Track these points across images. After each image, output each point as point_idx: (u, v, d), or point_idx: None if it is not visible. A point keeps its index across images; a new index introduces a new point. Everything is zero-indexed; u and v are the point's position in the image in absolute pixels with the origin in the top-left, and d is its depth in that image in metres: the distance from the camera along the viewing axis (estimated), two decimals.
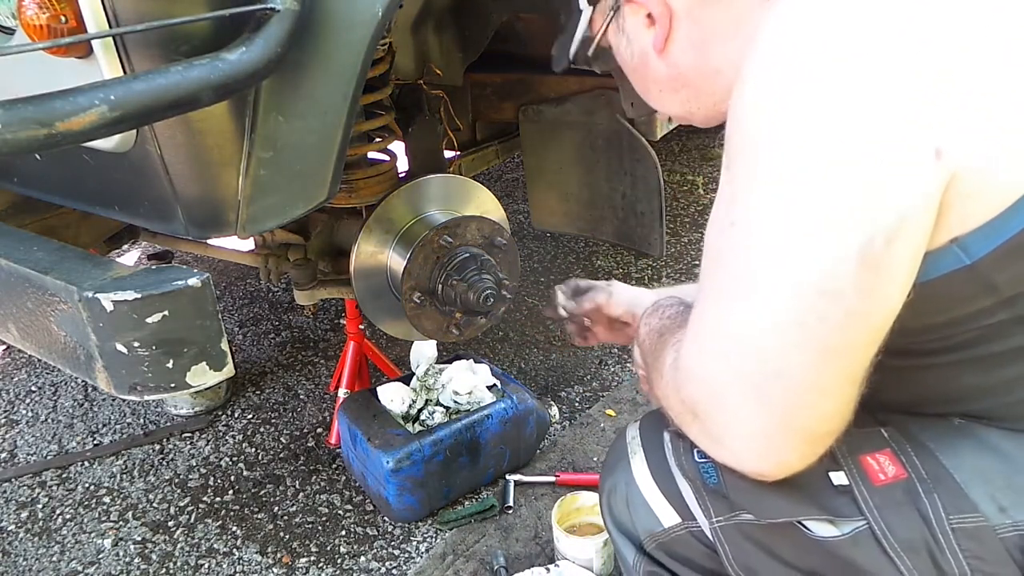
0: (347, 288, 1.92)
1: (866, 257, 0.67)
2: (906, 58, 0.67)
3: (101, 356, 1.01)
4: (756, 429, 0.74)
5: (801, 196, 0.68)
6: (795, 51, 0.70)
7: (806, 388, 0.71)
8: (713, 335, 0.75)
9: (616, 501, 1.03)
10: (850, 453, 0.84)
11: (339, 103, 1.20)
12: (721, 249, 0.76)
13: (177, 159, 1.17)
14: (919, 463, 0.82)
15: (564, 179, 2.36)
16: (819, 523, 0.83)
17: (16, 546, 1.87)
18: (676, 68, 0.92)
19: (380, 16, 1.16)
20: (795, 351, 0.70)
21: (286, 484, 2.02)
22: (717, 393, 0.75)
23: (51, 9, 1.05)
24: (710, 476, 0.90)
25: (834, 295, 0.68)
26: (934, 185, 0.67)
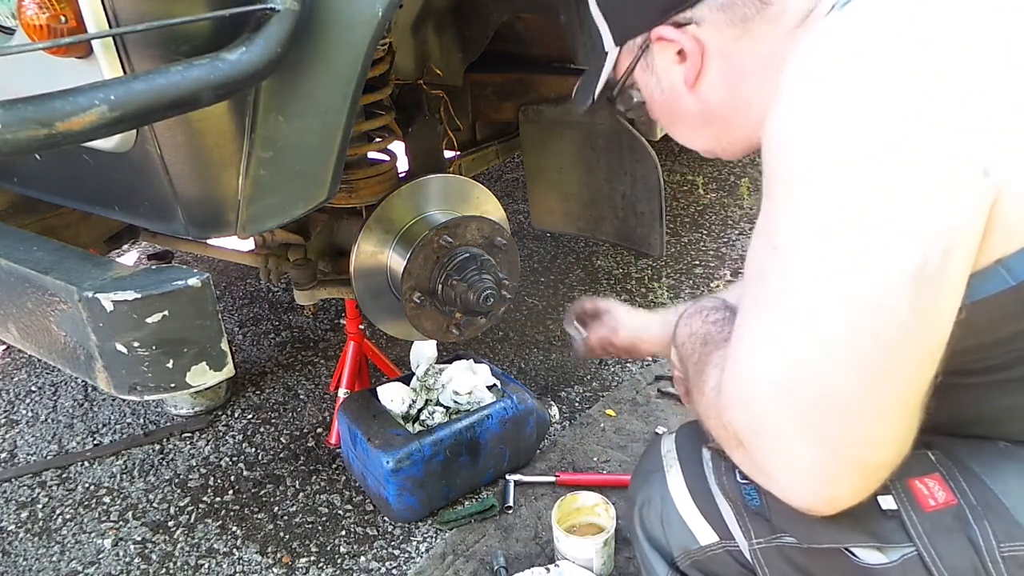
0: (347, 288, 1.92)
1: (920, 274, 0.65)
2: (955, 80, 0.67)
3: (101, 356, 1.01)
4: (807, 461, 0.70)
5: (851, 217, 0.67)
6: (836, 74, 0.70)
7: (859, 413, 0.68)
8: (758, 358, 0.72)
9: (649, 515, 1.01)
10: (898, 476, 0.80)
11: (339, 103, 1.20)
12: (765, 271, 0.73)
13: (177, 159, 1.17)
14: (968, 488, 0.80)
15: (564, 179, 2.36)
16: (866, 550, 0.81)
17: (16, 546, 1.87)
18: (706, 103, 0.93)
19: (380, 16, 1.16)
20: (847, 373, 0.67)
21: (286, 484, 2.02)
22: (764, 421, 0.72)
23: (51, 9, 1.05)
24: (752, 498, 0.88)
25: (887, 313, 0.66)
26: (983, 202, 0.67)
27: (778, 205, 0.72)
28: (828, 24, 0.77)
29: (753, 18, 0.86)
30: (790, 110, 0.72)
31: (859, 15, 0.74)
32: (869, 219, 0.66)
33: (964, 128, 0.66)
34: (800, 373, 0.68)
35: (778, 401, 0.70)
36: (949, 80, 0.67)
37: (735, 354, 0.76)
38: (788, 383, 0.69)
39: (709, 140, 0.99)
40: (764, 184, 0.75)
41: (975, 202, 0.66)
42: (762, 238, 0.74)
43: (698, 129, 0.98)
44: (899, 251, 0.65)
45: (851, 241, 0.66)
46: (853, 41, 0.71)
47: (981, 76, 0.68)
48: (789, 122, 0.72)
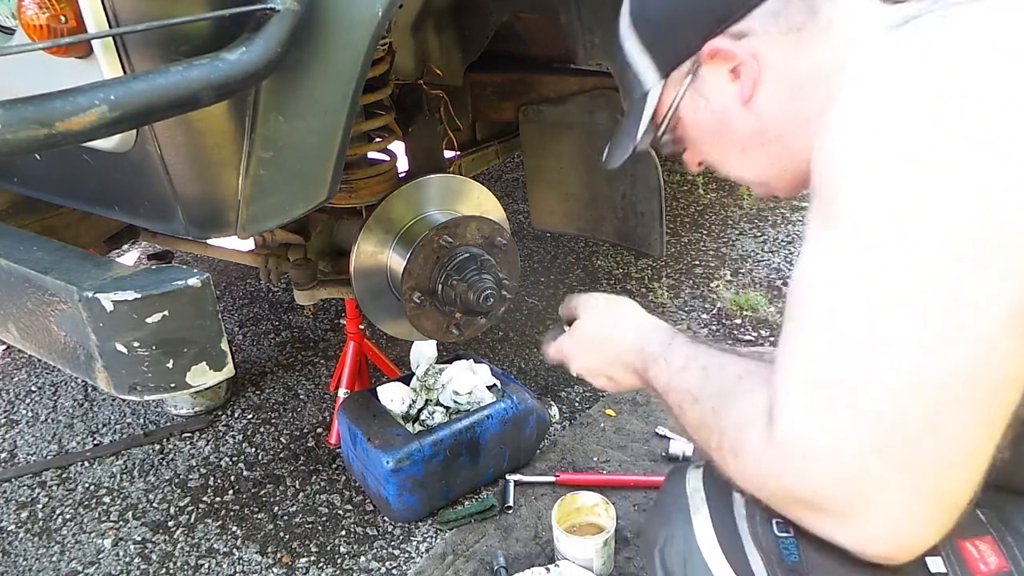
0: (347, 288, 1.92)
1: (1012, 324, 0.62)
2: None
3: (101, 356, 1.01)
4: (905, 512, 0.66)
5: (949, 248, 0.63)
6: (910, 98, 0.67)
7: (961, 462, 0.65)
8: (837, 404, 0.66)
9: (671, 555, 0.94)
10: (950, 538, 0.74)
11: (339, 103, 1.20)
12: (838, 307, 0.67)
13: (177, 159, 1.17)
14: (1020, 555, 0.76)
15: (564, 179, 2.36)
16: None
17: (16, 546, 1.87)
18: (763, 119, 0.89)
19: (380, 16, 1.16)
20: (950, 420, 0.64)
21: (286, 484, 2.02)
22: (848, 474, 0.66)
23: (51, 9, 1.05)
24: (790, 553, 0.81)
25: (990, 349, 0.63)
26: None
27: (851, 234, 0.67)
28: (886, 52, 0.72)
29: (805, 27, 0.83)
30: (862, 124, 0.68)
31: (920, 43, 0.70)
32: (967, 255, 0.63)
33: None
34: (892, 422, 0.64)
35: (869, 454, 0.65)
36: None
37: (804, 393, 0.68)
38: (880, 434, 0.64)
39: (764, 165, 0.92)
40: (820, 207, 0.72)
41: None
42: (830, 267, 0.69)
43: (752, 152, 0.92)
44: (994, 294, 0.62)
45: (953, 280, 0.63)
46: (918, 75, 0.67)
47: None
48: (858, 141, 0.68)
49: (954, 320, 0.63)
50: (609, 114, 2.17)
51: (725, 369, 0.83)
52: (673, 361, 0.91)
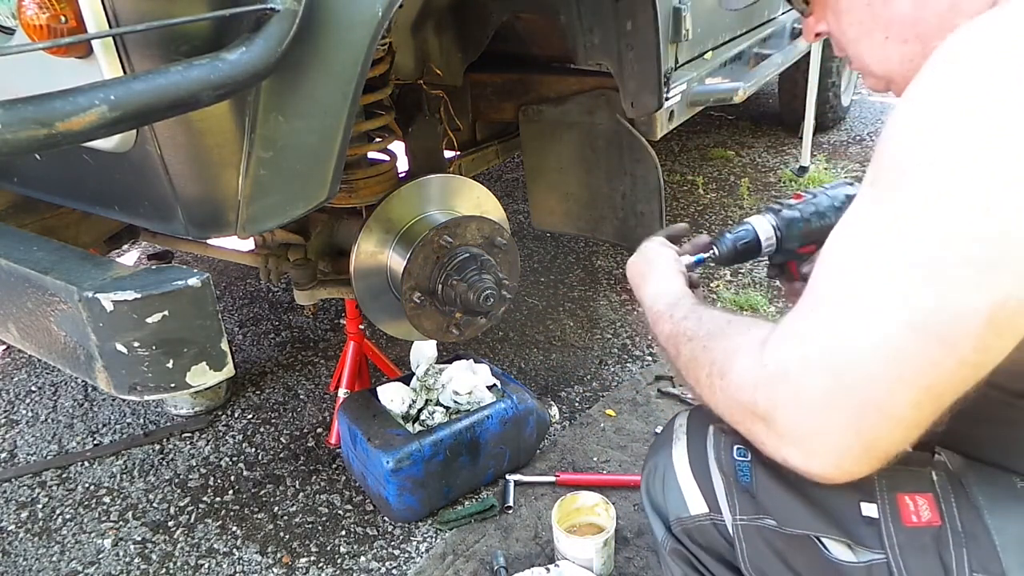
0: (347, 288, 1.92)
1: (995, 316, 0.65)
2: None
3: (101, 356, 1.01)
4: (838, 444, 0.73)
5: (949, 241, 0.66)
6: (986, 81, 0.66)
7: (901, 423, 0.71)
8: (821, 348, 0.72)
9: (654, 481, 1.05)
10: (890, 489, 0.83)
11: (339, 103, 1.20)
12: (847, 260, 0.73)
13: (177, 159, 1.17)
14: (959, 515, 0.81)
15: (564, 179, 2.36)
16: (837, 544, 0.84)
17: (16, 546, 1.87)
18: (922, 10, 0.82)
19: (380, 16, 1.16)
20: (903, 388, 0.69)
21: (286, 484, 2.02)
22: (811, 405, 0.73)
23: (51, 9, 1.05)
24: (744, 475, 0.92)
25: (952, 345, 0.66)
26: None
27: (887, 203, 0.70)
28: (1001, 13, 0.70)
29: None
30: (925, 101, 0.68)
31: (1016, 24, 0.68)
32: (970, 255, 0.65)
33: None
34: (860, 376, 0.70)
35: (833, 392, 0.71)
36: None
37: (798, 335, 0.74)
38: (847, 382, 0.70)
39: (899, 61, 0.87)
40: (872, 169, 0.73)
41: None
42: (859, 229, 0.73)
43: (894, 44, 0.86)
44: (986, 294, 0.65)
45: (937, 269, 0.66)
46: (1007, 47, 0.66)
47: None
48: (920, 115, 0.69)
49: (932, 316, 0.66)
50: (609, 114, 2.17)
51: (717, 318, 0.91)
52: (676, 313, 0.98)
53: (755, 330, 0.81)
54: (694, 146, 4.47)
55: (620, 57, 1.95)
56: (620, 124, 2.16)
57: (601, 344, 2.58)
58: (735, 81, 2.52)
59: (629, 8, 1.87)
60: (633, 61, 1.94)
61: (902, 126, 0.70)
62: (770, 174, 4.02)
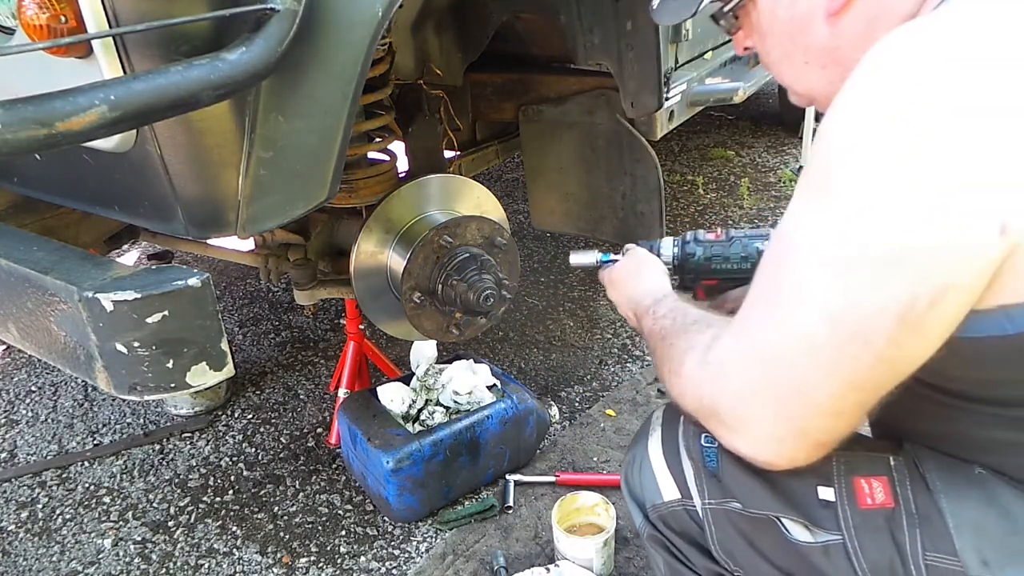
0: (347, 288, 1.92)
1: (906, 315, 0.68)
2: (999, 128, 0.65)
3: (101, 356, 1.01)
4: (774, 432, 0.78)
5: (864, 241, 0.69)
6: (903, 89, 0.68)
7: (826, 411, 0.75)
8: (754, 342, 0.77)
9: (632, 470, 1.10)
10: (847, 473, 0.87)
11: (339, 103, 1.20)
12: (780, 264, 0.77)
13: (177, 159, 1.17)
14: (912, 498, 0.84)
15: (564, 179, 2.36)
16: (796, 525, 0.88)
17: (16, 546, 1.87)
18: (838, 39, 0.86)
19: (380, 16, 1.16)
20: (823, 378, 0.73)
21: (286, 484, 2.02)
22: (745, 394, 0.78)
23: (51, 9, 1.05)
24: (711, 460, 0.96)
25: (867, 341, 0.70)
26: (993, 258, 0.67)
27: (810, 200, 0.74)
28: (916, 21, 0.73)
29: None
30: (854, 103, 0.71)
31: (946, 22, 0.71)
32: (879, 253, 0.68)
33: (995, 181, 0.65)
34: (784, 366, 0.74)
35: (761, 382, 0.76)
36: (997, 135, 0.65)
37: (736, 333, 0.80)
38: (773, 370, 0.75)
39: (819, 83, 0.91)
40: (806, 168, 0.76)
41: (982, 265, 0.67)
42: (789, 224, 0.77)
43: (814, 68, 0.90)
44: (893, 290, 0.68)
45: (856, 268, 0.70)
46: (940, 53, 0.68)
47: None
48: (848, 117, 0.71)
49: (846, 313, 0.70)
50: (609, 114, 2.17)
51: (688, 316, 0.95)
52: (657, 312, 1.03)
53: (711, 330, 0.87)
54: (694, 146, 4.47)
55: (620, 57, 1.95)
56: (620, 124, 2.16)
57: (601, 344, 2.58)
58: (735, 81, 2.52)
59: (629, 8, 1.87)
60: (633, 61, 1.94)
61: (828, 134, 0.73)
62: (770, 174, 4.02)
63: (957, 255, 0.67)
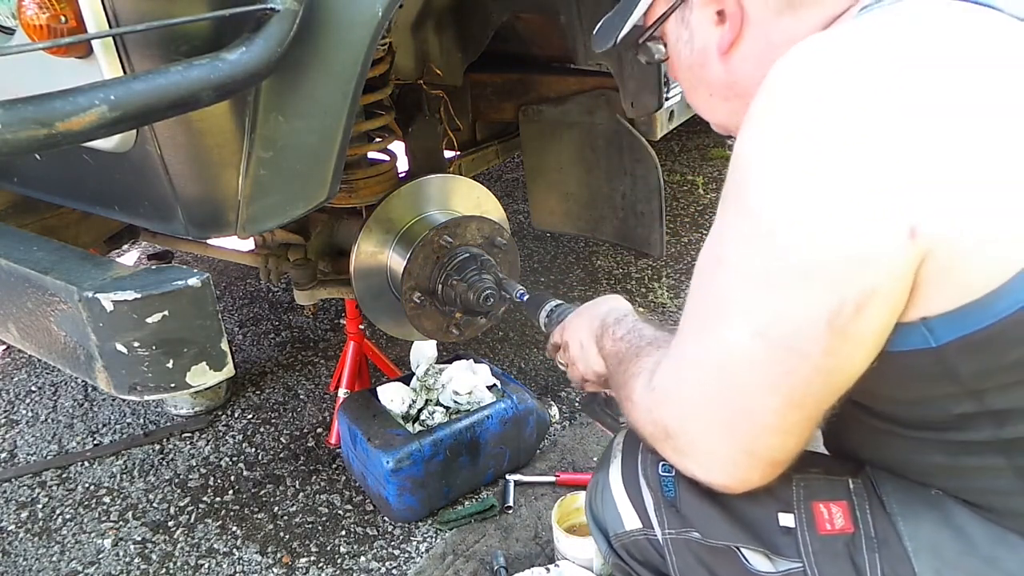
0: (347, 288, 1.92)
1: (834, 323, 0.69)
2: (899, 131, 0.66)
3: (101, 356, 1.01)
4: (723, 454, 0.78)
5: (781, 254, 0.70)
6: (799, 105, 0.70)
7: (771, 429, 0.75)
8: (692, 364, 0.78)
9: (595, 498, 1.09)
10: (806, 498, 0.87)
11: (339, 103, 1.20)
12: (707, 283, 0.78)
13: (177, 159, 1.17)
14: (872, 522, 0.84)
15: (564, 179, 2.36)
16: (756, 555, 0.88)
17: (16, 546, 1.87)
18: (733, 75, 0.89)
19: (380, 16, 1.16)
20: (763, 395, 0.73)
21: (286, 484, 2.02)
22: (690, 417, 0.79)
23: (51, 9, 1.05)
24: (669, 490, 0.95)
25: (802, 353, 0.71)
26: (906, 262, 0.67)
27: (730, 219, 0.75)
28: (828, 32, 0.75)
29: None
30: (757, 123, 0.72)
31: (853, 32, 0.73)
32: (797, 264, 0.69)
33: (900, 184, 0.65)
34: (725, 386, 0.75)
35: (704, 403, 0.77)
36: (901, 141, 0.66)
37: (674, 354, 0.81)
38: (714, 391, 0.76)
39: (726, 115, 0.95)
40: (725, 187, 0.76)
41: (896, 262, 0.67)
42: (714, 243, 0.77)
43: (718, 101, 0.94)
44: (817, 299, 0.69)
45: (778, 281, 0.70)
46: (831, 64, 0.70)
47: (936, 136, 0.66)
48: (753, 137, 0.72)
49: (776, 327, 0.71)
50: (609, 114, 2.17)
51: (643, 338, 0.96)
52: (617, 331, 1.03)
53: (659, 352, 0.87)
54: (694, 146, 4.47)
55: (620, 57, 1.95)
56: (620, 124, 2.16)
57: None
58: None
59: None
60: (633, 61, 1.94)
61: (738, 155, 0.74)
62: None
63: (873, 260, 0.67)
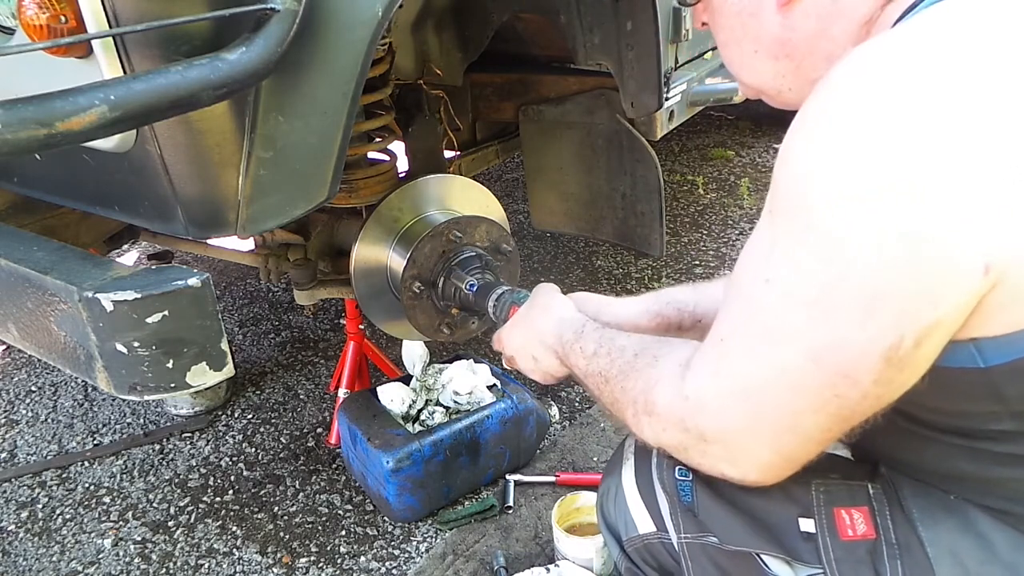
0: (347, 288, 1.91)
1: (891, 355, 0.67)
2: (978, 158, 0.62)
3: (101, 356, 1.01)
4: (765, 460, 0.77)
5: (842, 283, 0.66)
6: (871, 121, 0.65)
7: (814, 441, 0.75)
8: (740, 380, 0.75)
9: (608, 502, 1.08)
10: (827, 504, 0.86)
11: (339, 103, 1.20)
12: (757, 299, 0.74)
13: (177, 159, 1.17)
14: (892, 528, 0.83)
15: (564, 179, 2.36)
16: (776, 561, 0.87)
17: (16, 546, 1.87)
18: (789, 32, 0.82)
19: (380, 16, 1.16)
20: (811, 413, 0.72)
21: (286, 484, 2.02)
22: (732, 428, 0.77)
23: (51, 9, 1.05)
24: (685, 494, 0.94)
25: (854, 380, 0.69)
26: (975, 296, 0.65)
27: (783, 236, 0.71)
28: (888, 37, 0.70)
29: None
30: (820, 132, 0.68)
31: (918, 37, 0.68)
32: (859, 295, 0.66)
33: (977, 219, 0.62)
34: (773, 404, 0.74)
35: (751, 419, 0.75)
36: (980, 169, 0.62)
37: (715, 368, 0.77)
38: (758, 407, 0.74)
39: (770, 77, 0.87)
40: (769, 199, 0.73)
41: (966, 300, 0.65)
42: (760, 260, 0.73)
43: (765, 60, 0.86)
44: (877, 332, 0.66)
45: (838, 309, 0.67)
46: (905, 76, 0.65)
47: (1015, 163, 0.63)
48: (814, 149, 0.68)
49: (830, 352, 0.69)
50: (609, 114, 2.17)
51: (625, 351, 0.92)
52: (586, 347, 0.99)
53: (663, 360, 0.85)
54: (694, 146, 4.47)
55: (620, 57, 1.95)
56: (620, 124, 2.16)
57: None
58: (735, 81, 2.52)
59: (629, 8, 1.87)
60: (633, 61, 1.94)
61: (799, 159, 0.69)
62: (770, 174, 4.00)
63: (942, 296, 0.64)
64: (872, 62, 0.68)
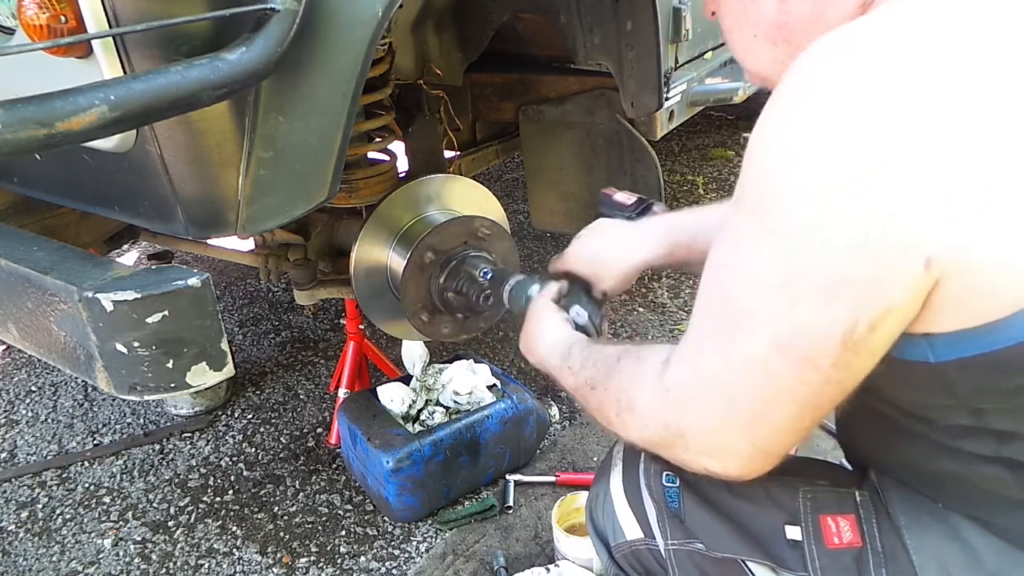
0: (347, 288, 1.91)
1: (848, 339, 0.68)
2: (929, 159, 0.63)
3: (101, 356, 1.01)
4: (741, 454, 0.78)
5: (804, 270, 0.68)
6: (833, 112, 0.66)
7: (786, 431, 0.76)
8: (711, 371, 0.77)
9: (596, 508, 1.09)
10: (814, 511, 0.87)
11: (339, 103, 1.20)
12: (723, 287, 0.76)
13: (177, 159, 1.17)
14: (879, 535, 0.83)
15: (564, 179, 2.36)
16: (762, 568, 0.87)
17: (16, 546, 1.87)
18: (787, 16, 0.83)
19: (380, 16, 1.16)
20: (780, 402, 0.74)
21: (286, 484, 2.02)
22: (708, 420, 0.78)
23: (51, 9, 1.05)
24: (672, 501, 0.95)
25: (815, 365, 0.70)
26: (920, 289, 0.67)
27: (747, 224, 0.73)
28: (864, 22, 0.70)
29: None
30: (784, 120, 0.69)
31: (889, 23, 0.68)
32: (820, 281, 0.68)
33: (927, 215, 0.63)
34: (744, 393, 0.75)
35: (725, 410, 0.76)
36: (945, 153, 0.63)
37: (691, 360, 0.79)
38: (733, 399, 0.75)
39: (769, 63, 0.88)
40: (738, 188, 0.74)
41: (912, 292, 0.66)
42: (730, 245, 0.75)
43: (764, 45, 0.87)
44: (836, 316, 0.68)
45: (800, 296, 0.69)
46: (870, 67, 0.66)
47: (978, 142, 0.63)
48: (778, 137, 0.69)
49: (797, 343, 0.70)
50: (609, 114, 2.17)
51: (608, 357, 0.93)
52: (573, 366, 1.00)
53: (646, 359, 0.86)
54: (694, 146, 4.47)
55: (620, 57, 1.95)
56: (620, 124, 2.16)
57: None
58: (735, 81, 2.52)
59: (629, 8, 1.87)
60: (633, 61, 1.94)
61: (762, 151, 0.71)
62: None
63: (892, 283, 0.66)
64: (830, 52, 0.69)
